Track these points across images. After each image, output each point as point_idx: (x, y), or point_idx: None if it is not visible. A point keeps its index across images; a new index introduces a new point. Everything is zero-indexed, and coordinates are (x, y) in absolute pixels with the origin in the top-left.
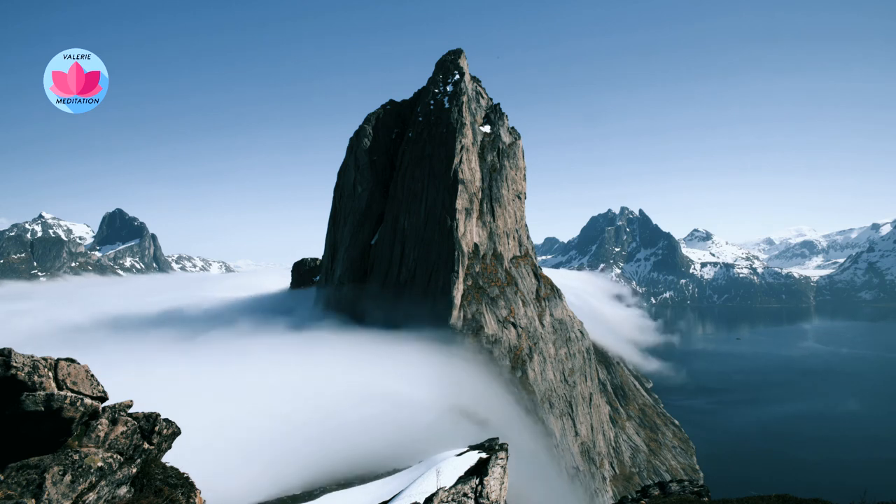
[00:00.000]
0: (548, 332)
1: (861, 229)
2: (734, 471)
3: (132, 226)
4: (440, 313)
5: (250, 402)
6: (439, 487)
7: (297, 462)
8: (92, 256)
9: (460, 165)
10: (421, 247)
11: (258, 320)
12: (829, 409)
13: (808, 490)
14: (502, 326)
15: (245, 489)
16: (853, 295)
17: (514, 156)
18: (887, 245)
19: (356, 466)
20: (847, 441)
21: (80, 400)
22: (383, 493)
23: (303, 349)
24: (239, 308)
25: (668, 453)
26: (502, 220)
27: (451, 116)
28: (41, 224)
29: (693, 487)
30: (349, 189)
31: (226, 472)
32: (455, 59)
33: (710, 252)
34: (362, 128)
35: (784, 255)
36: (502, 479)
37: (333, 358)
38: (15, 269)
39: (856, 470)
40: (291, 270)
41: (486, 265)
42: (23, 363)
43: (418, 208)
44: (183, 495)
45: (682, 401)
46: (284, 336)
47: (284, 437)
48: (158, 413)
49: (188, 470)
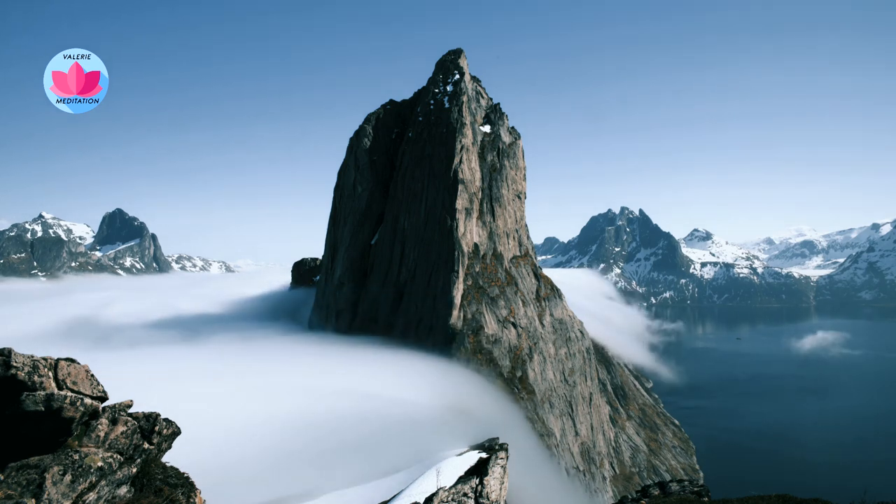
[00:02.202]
0: (548, 332)
1: (861, 229)
2: (734, 471)
3: (132, 226)
4: (440, 313)
5: (250, 402)
6: (439, 487)
7: (298, 462)
8: (92, 256)
9: (460, 165)
10: (421, 247)
11: (258, 321)
12: (829, 409)
13: (808, 490)
14: (502, 326)
15: (245, 489)
16: (853, 295)
17: (514, 155)
18: (887, 245)
19: (356, 466)
20: (847, 441)
21: (80, 400)
22: (383, 492)
23: (302, 349)
24: (239, 308)
25: (668, 453)
26: (502, 220)
27: (451, 116)
28: (41, 224)
29: (693, 487)
30: (349, 189)
31: (226, 471)
32: (455, 58)
33: (710, 252)
34: (362, 128)
35: (784, 255)
36: (502, 479)
37: (333, 358)
38: (15, 269)
39: (856, 470)
40: (291, 270)
41: (486, 265)
42: (23, 363)
43: (418, 208)
44: (183, 495)
45: (682, 401)
46: (284, 336)
47: (285, 437)
48: (158, 413)
49: (188, 470)
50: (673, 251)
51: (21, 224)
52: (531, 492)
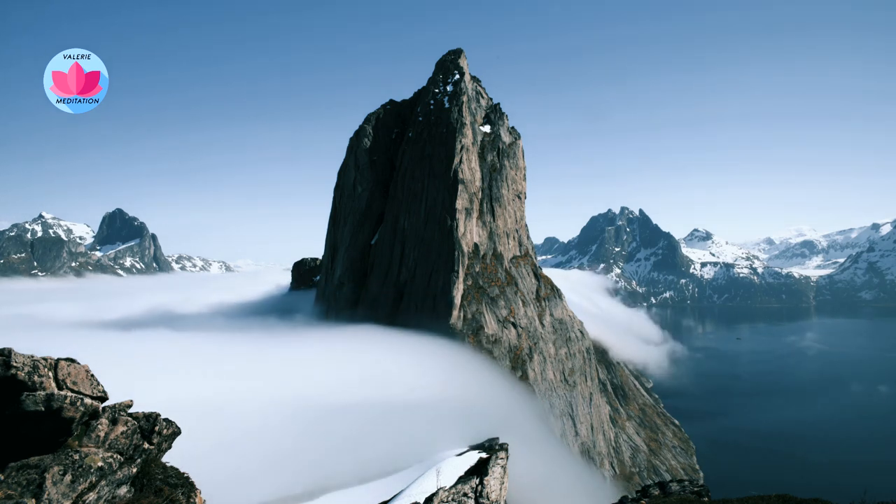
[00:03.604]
0: (548, 332)
1: (861, 229)
2: (734, 471)
3: (132, 226)
4: (440, 313)
5: (250, 402)
6: (439, 487)
7: (298, 462)
8: (92, 256)
9: (460, 165)
10: (421, 247)
11: (257, 321)
12: (829, 408)
13: (808, 490)
14: (502, 326)
15: (245, 489)
16: (853, 295)
17: (514, 155)
18: (887, 245)
19: (356, 466)
20: (847, 441)
21: (80, 400)
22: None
23: (302, 349)
24: (239, 308)
25: (668, 453)
26: (502, 220)
27: (451, 116)
28: (41, 224)
29: (693, 487)
30: (349, 189)
31: (226, 471)
32: (455, 58)
33: (710, 252)
34: (362, 128)
35: (784, 255)
36: (502, 479)
37: (333, 358)
38: (15, 268)
39: (856, 470)
40: (291, 270)
41: (486, 265)
42: (23, 363)
43: (418, 208)
44: (183, 495)
45: (682, 401)
46: (284, 336)
47: (285, 437)
48: (158, 413)
49: (188, 470)
50: (673, 251)
51: (21, 224)
52: (531, 492)
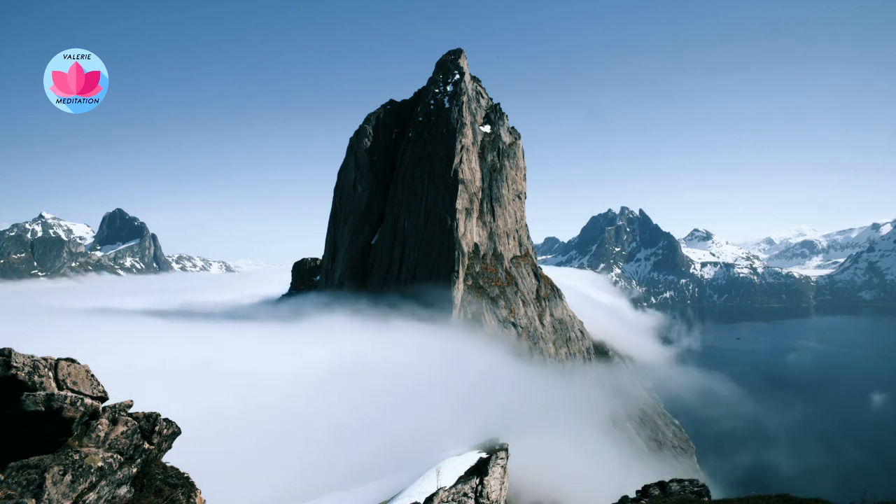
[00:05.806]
0: (548, 332)
1: (861, 229)
2: (734, 471)
3: (132, 226)
4: (440, 313)
5: (250, 402)
6: (439, 487)
7: (298, 462)
8: (92, 256)
9: (460, 165)
10: (421, 247)
11: (257, 321)
12: (829, 408)
13: (808, 490)
14: (502, 326)
15: (245, 489)
16: (853, 295)
17: (515, 156)
18: (887, 245)
19: (356, 466)
20: (847, 441)
21: (80, 400)
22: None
23: (301, 350)
24: (238, 308)
25: (668, 453)
26: (502, 220)
27: (452, 116)
28: (41, 224)
29: (693, 487)
30: (349, 189)
31: (226, 471)
32: (455, 58)
33: (710, 252)
34: (362, 128)
35: (784, 255)
36: (502, 479)
37: (332, 359)
38: (15, 269)
39: (856, 470)
40: (291, 270)
41: (486, 265)
42: (23, 363)
43: (418, 208)
44: (183, 495)
45: (682, 401)
46: (283, 337)
47: (285, 437)
48: (159, 413)
49: (188, 470)
50: (673, 251)
51: (21, 224)
52: (531, 492)
